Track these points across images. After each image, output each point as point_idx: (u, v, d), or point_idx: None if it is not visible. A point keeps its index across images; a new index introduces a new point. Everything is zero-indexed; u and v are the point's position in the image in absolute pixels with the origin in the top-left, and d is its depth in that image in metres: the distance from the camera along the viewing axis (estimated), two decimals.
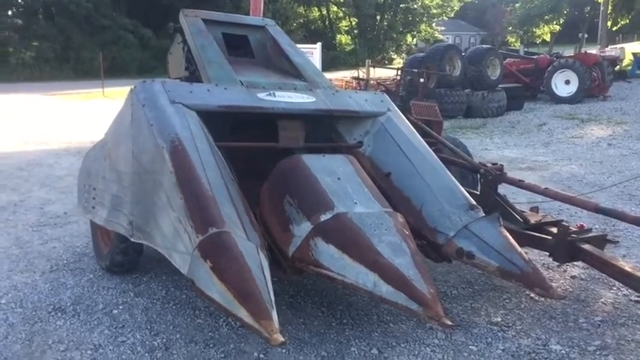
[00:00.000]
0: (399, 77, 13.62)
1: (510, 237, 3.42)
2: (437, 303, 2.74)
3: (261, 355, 3.09)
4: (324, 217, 3.03)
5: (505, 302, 3.79)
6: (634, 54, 21.49)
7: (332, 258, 2.90)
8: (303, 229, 3.05)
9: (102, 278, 4.20)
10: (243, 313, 2.49)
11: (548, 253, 3.88)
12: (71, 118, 14.66)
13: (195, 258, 2.70)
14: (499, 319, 3.53)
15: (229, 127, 3.88)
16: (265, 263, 2.76)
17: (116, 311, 3.65)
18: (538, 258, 4.46)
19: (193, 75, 4.53)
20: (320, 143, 4.08)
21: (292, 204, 3.17)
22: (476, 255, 3.32)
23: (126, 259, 4.12)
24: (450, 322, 2.68)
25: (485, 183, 4.35)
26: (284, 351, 3.12)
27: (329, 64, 34.44)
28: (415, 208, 3.63)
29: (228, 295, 2.54)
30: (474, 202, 3.65)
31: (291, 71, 4.49)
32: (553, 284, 3.83)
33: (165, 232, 3.00)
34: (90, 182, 4.19)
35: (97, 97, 21.60)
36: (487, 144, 11.11)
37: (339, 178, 3.32)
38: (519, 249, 3.34)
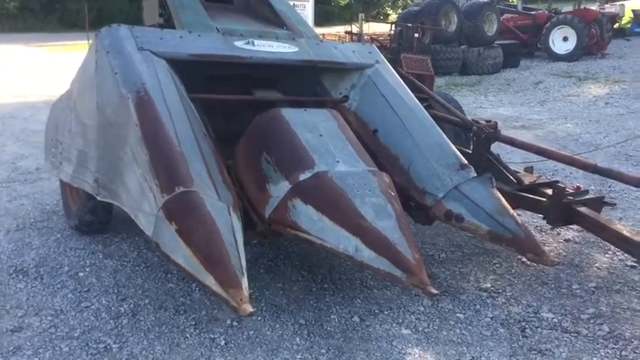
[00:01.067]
0: (393, 32, 13.18)
1: (503, 199, 3.20)
2: (422, 270, 2.53)
3: (234, 323, 2.89)
4: (303, 177, 2.79)
5: (495, 267, 3.60)
6: (634, 11, 20.96)
7: (311, 220, 2.68)
8: (280, 188, 2.81)
9: (70, 238, 3.97)
10: (210, 281, 2.28)
11: (542, 216, 3.67)
12: (53, 70, 14.16)
13: (159, 219, 2.47)
14: (488, 285, 3.34)
15: (205, 78, 3.59)
16: (238, 225, 2.53)
17: (82, 274, 3.44)
18: (531, 220, 4.26)
19: (168, 22, 4.20)
20: (302, 97, 3.80)
21: (270, 161, 2.92)
22: (465, 218, 3.10)
23: (95, 218, 3.88)
24: (435, 291, 2.48)
25: (478, 141, 4.10)
26: (259, 318, 2.92)
27: (323, 18, 33.53)
28: (403, 168, 3.38)
29: (194, 260, 2.33)
30: (466, 162, 3.41)
31: (273, 19, 4.16)
32: (546, 248, 3.64)
33: (131, 191, 2.76)
34: (57, 136, 3.91)
35: (82, 48, 20.91)
36: (482, 102, 10.81)
37: (321, 135, 3.05)
38: (512, 211, 3.12)
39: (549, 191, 3.67)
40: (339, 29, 20.44)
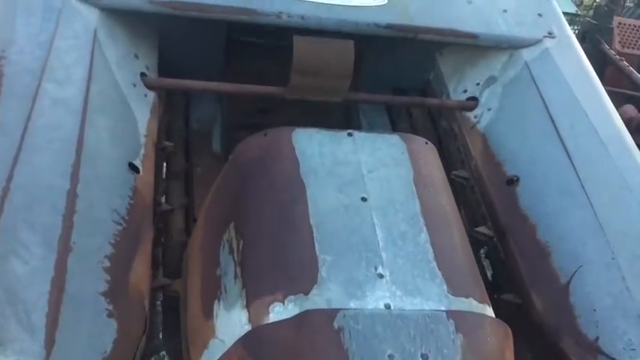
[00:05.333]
0: None
1: None
2: None
3: None
4: (277, 311, 1.19)
5: None
6: None
7: None
8: (229, 326, 1.26)
9: None
10: None
11: None
12: None
13: None
14: None
15: (219, 44, 2.08)
16: None
17: None
18: None
19: None
20: (381, 95, 2.10)
21: (233, 250, 1.35)
22: None
23: None
24: None
25: None
26: None
27: None
28: (559, 283, 1.56)
29: None
30: None
31: None
32: None
33: None
34: None
35: None
36: None
37: (364, 199, 1.36)
38: None
39: None
40: None
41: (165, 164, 1.88)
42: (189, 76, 1.97)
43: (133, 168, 1.47)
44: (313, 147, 1.43)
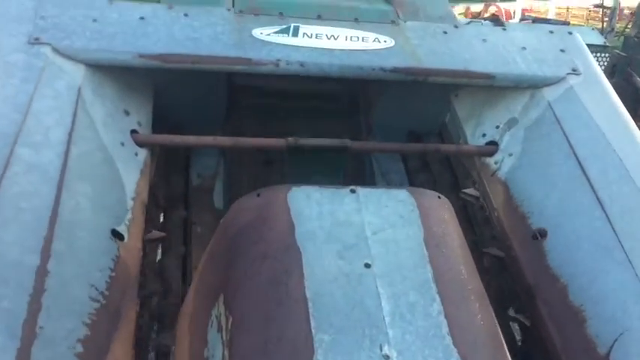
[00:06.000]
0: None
1: None
2: None
3: None
4: None
5: None
6: None
7: None
8: None
9: None
10: None
11: None
12: None
13: None
14: None
15: (224, 89, 1.99)
16: None
17: None
18: None
19: None
20: (392, 143, 1.96)
21: (222, 328, 1.21)
22: None
23: None
24: None
25: None
26: None
27: None
28: (597, 353, 1.37)
29: None
30: None
31: None
32: None
33: None
34: None
35: None
36: None
37: (367, 265, 1.21)
38: None
39: None
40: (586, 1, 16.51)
41: (162, 218, 1.76)
42: (191, 127, 1.88)
43: (117, 235, 1.35)
44: (311, 207, 1.29)
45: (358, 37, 1.78)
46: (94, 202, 1.34)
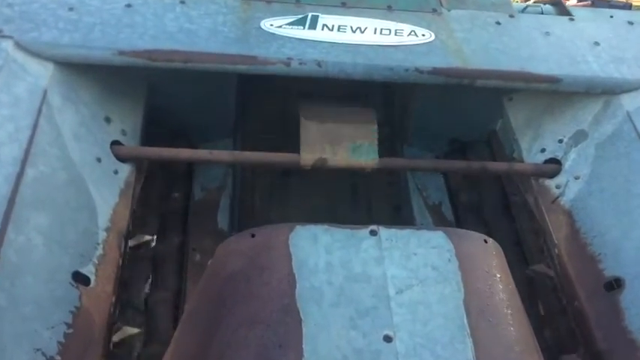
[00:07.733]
0: None
1: None
2: None
3: None
4: None
5: None
6: None
7: None
8: None
9: None
10: None
11: None
12: None
13: None
14: None
15: (232, 87, 1.70)
16: None
17: None
18: None
19: None
20: (428, 159, 1.64)
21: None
22: None
23: None
24: None
25: None
26: None
27: None
28: None
29: None
30: None
31: None
32: None
33: None
34: None
35: None
36: None
37: (388, 338, 0.91)
38: None
39: None
40: None
41: (155, 241, 1.50)
42: (194, 134, 1.61)
43: (79, 279, 1.09)
44: (318, 255, 1.00)
45: (390, 30, 1.47)
46: (51, 237, 1.08)
